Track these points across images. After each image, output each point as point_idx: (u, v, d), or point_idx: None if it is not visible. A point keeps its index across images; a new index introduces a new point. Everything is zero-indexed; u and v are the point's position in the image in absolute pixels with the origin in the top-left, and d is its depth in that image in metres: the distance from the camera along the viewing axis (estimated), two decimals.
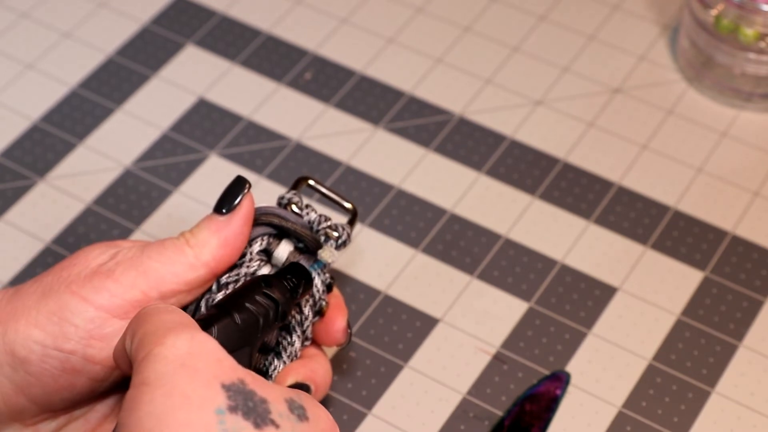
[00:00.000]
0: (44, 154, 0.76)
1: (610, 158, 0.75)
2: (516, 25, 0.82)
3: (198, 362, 0.48)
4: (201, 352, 0.48)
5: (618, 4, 0.83)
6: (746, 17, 0.74)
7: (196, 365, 0.47)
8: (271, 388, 0.49)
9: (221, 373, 0.48)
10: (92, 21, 0.83)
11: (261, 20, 0.83)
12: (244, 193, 0.57)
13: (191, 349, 0.48)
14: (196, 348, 0.48)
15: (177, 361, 0.47)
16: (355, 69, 0.80)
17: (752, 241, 0.71)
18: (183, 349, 0.48)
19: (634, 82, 0.79)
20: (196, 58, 0.81)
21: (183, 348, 0.48)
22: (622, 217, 0.72)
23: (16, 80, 0.80)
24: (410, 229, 0.72)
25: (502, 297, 0.69)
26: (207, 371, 0.47)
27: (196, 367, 0.47)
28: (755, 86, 0.76)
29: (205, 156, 0.76)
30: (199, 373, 0.47)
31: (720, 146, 0.76)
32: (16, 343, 0.54)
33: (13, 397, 0.55)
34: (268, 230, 0.59)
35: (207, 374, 0.47)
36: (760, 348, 0.67)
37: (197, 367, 0.47)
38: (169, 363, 0.47)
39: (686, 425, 0.64)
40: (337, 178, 0.74)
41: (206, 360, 0.48)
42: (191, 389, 0.47)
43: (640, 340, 0.67)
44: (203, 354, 0.48)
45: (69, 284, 0.55)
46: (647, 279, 0.70)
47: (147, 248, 0.56)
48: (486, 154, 0.75)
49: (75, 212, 0.73)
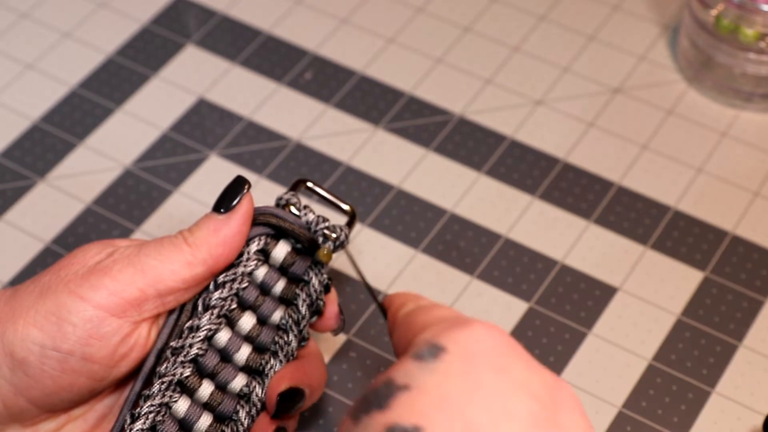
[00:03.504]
0: (44, 154, 0.76)
1: (610, 158, 0.75)
2: (516, 25, 0.82)
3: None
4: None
5: (618, 4, 0.83)
6: (746, 17, 0.74)
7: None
8: None
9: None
10: (92, 21, 0.83)
11: (261, 20, 0.83)
12: (244, 193, 0.57)
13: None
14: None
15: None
16: (355, 69, 0.80)
17: (752, 241, 0.71)
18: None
19: (634, 82, 0.79)
20: (196, 58, 0.81)
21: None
22: (622, 217, 0.72)
23: (16, 80, 0.80)
24: (410, 229, 0.72)
25: (502, 297, 0.69)
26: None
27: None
28: (755, 86, 0.76)
29: (205, 156, 0.76)
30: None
31: (720, 146, 0.75)
32: (15, 344, 0.54)
33: (12, 398, 0.55)
34: (265, 230, 0.59)
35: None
36: (760, 348, 0.67)
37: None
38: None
39: (686, 425, 0.64)
40: (337, 178, 0.74)
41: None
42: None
43: (640, 340, 0.67)
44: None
45: (67, 283, 0.55)
46: (647, 279, 0.69)
47: (145, 246, 0.56)
48: (486, 154, 0.75)
49: (75, 212, 0.73)
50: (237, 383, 0.58)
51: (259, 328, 0.59)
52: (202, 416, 0.57)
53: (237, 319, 0.58)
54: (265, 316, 0.59)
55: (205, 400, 0.57)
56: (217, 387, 0.58)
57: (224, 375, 0.58)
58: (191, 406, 0.57)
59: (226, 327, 0.58)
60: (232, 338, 0.58)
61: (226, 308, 0.57)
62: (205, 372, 0.57)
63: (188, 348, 0.56)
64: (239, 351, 0.58)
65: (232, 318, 0.58)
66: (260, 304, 0.59)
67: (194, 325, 0.57)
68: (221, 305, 0.57)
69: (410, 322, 0.51)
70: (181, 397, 0.56)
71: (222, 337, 0.58)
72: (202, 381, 0.57)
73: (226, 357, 0.58)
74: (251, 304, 0.59)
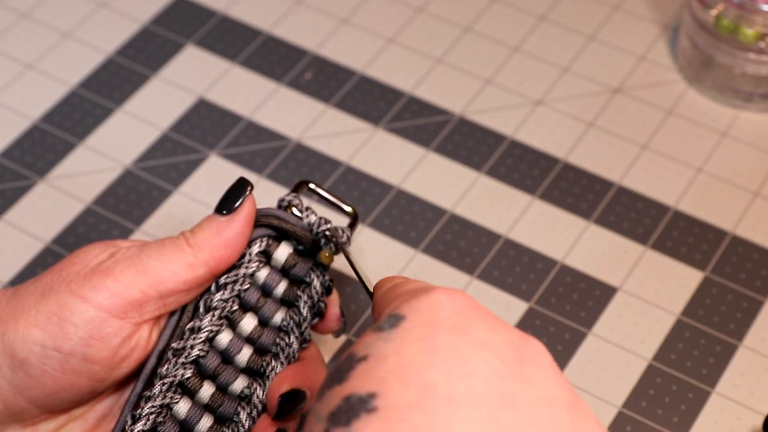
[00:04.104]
0: (44, 154, 0.76)
1: (610, 158, 0.75)
2: (516, 25, 0.82)
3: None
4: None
5: (618, 4, 0.83)
6: (746, 17, 0.74)
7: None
8: None
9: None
10: (92, 21, 0.83)
11: (261, 20, 0.83)
12: (246, 195, 0.57)
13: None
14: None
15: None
16: (355, 69, 0.80)
17: (752, 241, 0.71)
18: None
19: (634, 82, 0.79)
20: (196, 58, 0.81)
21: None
22: (622, 217, 0.72)
23: (16, 80, 0.80)
24: (410, 229, 0.72)
25: (502, 297, 0.69)
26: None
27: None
28: (755, 86, 0.76)
29: (205, 156, 0.76)
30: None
31: (720, 146, 0.76)
32: (16, 344, 0.54)
33: (12, 399, 0.55)
34: (267, 232, 0.59)
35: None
36: (760, 348, 0.67)
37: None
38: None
39: (686, 425, 0.64)
40: (337, 178, 0.74)
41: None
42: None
43: (640, 340, 0.67)
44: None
45: (68, 283, 0.55)
46: (647, 279, 0.70)
47: (146, 247, 0.56)
48: (486, 154, 0.75)
49: (75, 212, 0.73)
50: (238, 385, 0.58)
51: (260, 329, 0.59)
52: (203, 418, 0.57)
53: (238, 321, 0.58)
54: (267, 318, 0.59)
55: (206, 401, 0.57)
56: (218, 388, 0.58)
57: (225, 376, 0.58)
58: (192, 408, 0.57)
59: (228, 328, 0.58)
60: (233, 340, 0.58)
61: (227, 310, 0.57)
62: (206, 373, 0.57)
63: (189, 349, 0.56)
64: (240, 352, 0.58)
65: (233, 319, 0.58)
66: (262, 305, 0.59)
67: (195, 326, 0.57)
68: (223, 307, 0.57)
69: (383, 300, 0.51)
70: (182, 398, 0.56)
71: (223, 339, 0.58)
72: (203, 382, 0.57)
73: (228, 358, 0.58)
74: (253, 305, 0.59)
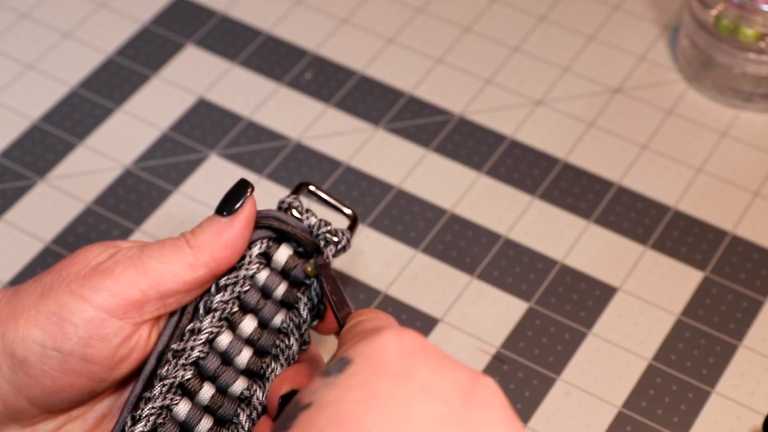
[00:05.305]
0: (44, 154, 0.76)
1: (610, 158, 0.75)
2: (516, 25, 0.82)
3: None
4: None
5: (618, 4, 0.83)
6: (746, 17, 0.74)
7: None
8: None
9: None
10: (92, 21, 0.83)
11: (261, 20, 0.83)
12: (247, 196, 0.57)
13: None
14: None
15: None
16: (355, 69, 0.80)
17: (752, 241, 0.71)
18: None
19: (634, 82, 0.79)
20: (196, 58, 0.81)
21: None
22: (622, 217, 0.72)
23: (16, 80, 0.80)
24: (410, 229, 0.72)
25: (502, 297, 0.69)
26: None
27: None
28: (755, 86, 0.76)
29: (205, 156, 0.76)
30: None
31: (720, 146, 0.76)
32: (16, 344, 0.54)
33: (12, 398, 0.55)
34: (267, 233, 0.59)
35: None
36: (760, 348, 0.67)
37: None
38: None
39: (686, 425, 0.64)
40: (337, 179, 0.74)
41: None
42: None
43: (640, 340, 0.67)
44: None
45: (68, 283, 0.55)
46: (647, 279, 0.70)
47: (147, 248, 0.56)
48: (486, 154, 0.75)
49: (75, 212, 0.73)
50: (238, 386, 0.58)
51: (260, 331, 0.58)
52: (202, 419, 0.57)
53: (238, 323, 0.58)
54: (267, 320, 0.59)
55: (206, 402, 0.57)
56: (218, 390, 0.57)
57: (225, 378, 0.57)
58: (192, 409, 0.57)
59: (228, 330, 0.58)
60: (233, 341, 0.58)
61: (227, 311, 0.57)
62: (206, 375, 0.57)
63: (189, 351, 0.56)
64: (240, 354, 0.58)
65: (233, 321, 0.58)
66: (262, 307, 0.59)
67: (195, 327, 0.57)
68: (223, 308, 0.57)
69: (342, 339, 0.52)
70: (182, 399, 0.56)
71: (223, 340, 0.58)
72: (203, 384, 0.57)
73: (227, 360, 0.58)
74: (253, 307, 0.59)
